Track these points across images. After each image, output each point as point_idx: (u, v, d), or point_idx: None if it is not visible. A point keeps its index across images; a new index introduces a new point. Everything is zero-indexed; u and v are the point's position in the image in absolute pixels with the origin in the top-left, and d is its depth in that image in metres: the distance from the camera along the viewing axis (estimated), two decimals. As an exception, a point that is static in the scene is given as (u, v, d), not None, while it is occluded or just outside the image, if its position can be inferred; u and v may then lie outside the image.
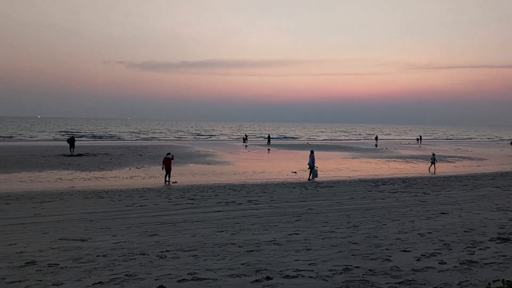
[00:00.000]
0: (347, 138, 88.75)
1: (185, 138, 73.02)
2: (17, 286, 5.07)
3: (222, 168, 24.93)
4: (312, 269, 5.66)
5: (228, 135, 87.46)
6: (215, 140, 68.78)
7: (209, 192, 15.01)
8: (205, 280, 5.19)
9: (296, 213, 10.97)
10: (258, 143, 57.58)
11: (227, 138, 75.85)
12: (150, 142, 58.64)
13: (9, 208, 11.91)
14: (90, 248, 7.03)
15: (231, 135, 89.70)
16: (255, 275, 5.41)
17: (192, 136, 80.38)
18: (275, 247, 6.94)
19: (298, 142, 65.58)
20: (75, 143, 33.93)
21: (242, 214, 10.84)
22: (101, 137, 68.36)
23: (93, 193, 14.91)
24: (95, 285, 5.07)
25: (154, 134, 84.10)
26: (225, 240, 7.54)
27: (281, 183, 18.19)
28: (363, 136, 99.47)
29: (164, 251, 6.77)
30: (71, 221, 10.10)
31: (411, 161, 31.67)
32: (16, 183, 17.82)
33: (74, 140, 33.55)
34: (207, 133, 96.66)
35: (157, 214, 10.95)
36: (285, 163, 28.53)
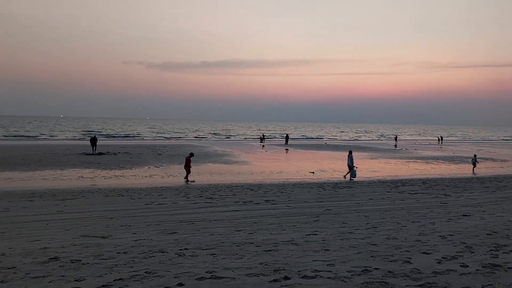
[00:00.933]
0: (365, 138, 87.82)
1: (203, 138, 73.52)
2: (41, 281, 5.20)
3: (239, 167, 25.00)
4: (330, 270, 5.63)
5: (245, 135, 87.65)
6: (233, 140, 69.01)
7: (226, 192, 15.08)
8: (223, 279, 5.22)
9: (314, 213, 10.92)
10: (275, 143, 57.53)
11: (244, 138, 76.02)
12: (169, 141, 59.28)
13: (33, 205, 12.22)
14: (111, 245, 7.16)
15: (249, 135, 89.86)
16: (273, 274, 5.41)
17: (210, 136, 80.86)
18: (293, 247, 6.93)
19: (316, 142, 65.24)
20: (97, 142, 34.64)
21: (260, 213, 10.85)
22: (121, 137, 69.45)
23: (114, 191, 15.16)
24: (116, 281, 5.15)
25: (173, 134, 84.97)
26: (243, 239, 7.57)
27: (299, 183, 18.13)
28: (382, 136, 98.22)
29: (183, 249, 6.84)
30: (92, 218, 10.29)
31: (431, 162, 31.11)
32: (39, 180, 18.27)
33: (96, 140, 34.31)
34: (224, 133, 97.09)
35: (175, 213, 11.05)
36: (303, 163, 28.42)
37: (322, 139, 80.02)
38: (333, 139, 78.40)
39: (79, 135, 71.23)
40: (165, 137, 72.57)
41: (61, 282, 5.12)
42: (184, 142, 55.90)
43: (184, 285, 5.01)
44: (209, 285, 5.02)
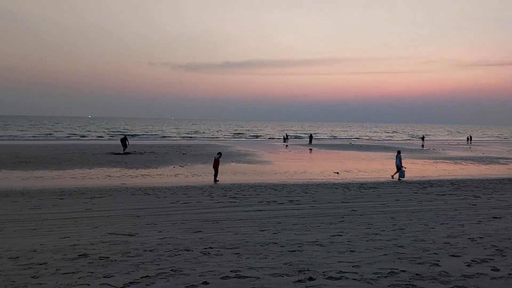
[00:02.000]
0: (392, 138, 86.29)
1: (227, 138, 73.95)
2: (71, 277, 5.34)
3: (262, 167, 25.01)
4: (356, 271, 5.56)
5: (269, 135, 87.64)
6: (256, 140, 69.12)
7: (250, 191, 15.11)
8: (248, 278, 5.24)
9: (339, 214, 10.81)
10: (299, 143, 57.28)
11: (267, 138, 76.02)
12: (193, 141, 59.91)
13: (62, 203, 12.59)
14: (138, 243, 7.29)
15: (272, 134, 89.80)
16: (297, 275, 5.39)
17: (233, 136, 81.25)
18: (317, 248, 6.88)
19: (340, 142, 64.53)
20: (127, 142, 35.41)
21: (284, 214, 10.83)
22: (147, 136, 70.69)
23: (140, 190, 15.45)
24: (143, 278, 5.25)
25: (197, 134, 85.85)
26: (267, 239, 7.57)
27: (323, 183, 17.99)
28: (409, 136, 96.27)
29: (208, 248, 6.90)
30: (120, 216, 10.52)
31: (460, 163, 30.28)
32: (68, 179, 18.81)
33: (126, 139, 35.07)
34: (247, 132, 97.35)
35: (200, 212, 11.16)
36: (327, 164, 28.18)
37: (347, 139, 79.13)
38: (358, 139, 77.38)
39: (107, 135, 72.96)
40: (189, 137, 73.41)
41: (90, 279, 5.25)
42: (207, 142, 56.39)
43: (209, 284, 5.05)
44: (234, 284, 5.05)
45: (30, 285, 5.01)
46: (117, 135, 70.39)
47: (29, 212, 10.99)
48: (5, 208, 11.60)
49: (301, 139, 70.09)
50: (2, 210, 11.29)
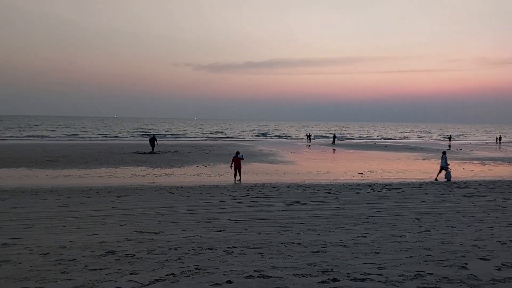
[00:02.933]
0: (417, 138, 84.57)
1: (249, 137, 74.14)
2: (99, 273, 5.47)
3: (285, 167, 24.97)
4: (381, 273, 5.48)
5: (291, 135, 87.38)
6: (278, 139, 69.03)
7: (272, 191, 15.11)
8: (271, 278, 5.24)
9: (363, 215, 10.68)
10: (322, 143, 56.87)
11: (290, 138, 75.80)
12: (216, 141, 60.36)
13: (90, 201, 12.92)
14: (163, 241, 7.41)
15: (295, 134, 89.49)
16: (321, 276, 5.36)
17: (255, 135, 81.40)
18: (341, 249, 6.82)
19: (365, 142, 63.70)
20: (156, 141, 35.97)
21: (307, 214, 10.78)
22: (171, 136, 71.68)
23: (164, 189, 15.68)
24: (168, 276, 5.33)
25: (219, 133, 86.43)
26: (290, 240, 7.55)
27: (347, 184, 17.80)
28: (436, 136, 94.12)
29: (231, 247, 6.94)
30: (145, 214, 10.71)
31: (488, 163, 29.39)
32: (95, 178, 19.29)
33: (155, 139, 35.69)
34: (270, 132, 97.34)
35: (223, 211, 11.24)
36: (351, 164, 27.88)
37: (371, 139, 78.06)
38: (383, 139, 76.19)
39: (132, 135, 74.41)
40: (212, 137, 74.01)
41: (117, 275, 5.37)
42: (230, 142, 56.67)
43: (233, 283, 5.08)
44: (258, 283, 5.06)
45: (60, 280, 5.16)
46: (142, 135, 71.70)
47: (58, 210, 11.33)
48: (35, 205, 12.00)
49: (324, 139, 69.57)
50: (33, 207, 11.68)
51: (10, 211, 11.12)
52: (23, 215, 10.56)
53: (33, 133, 71.95)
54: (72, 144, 45.09)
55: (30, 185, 16.51)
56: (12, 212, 10.98)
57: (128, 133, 78.02)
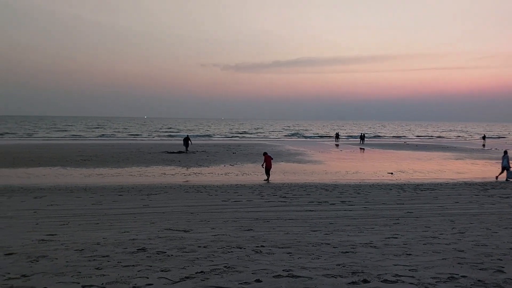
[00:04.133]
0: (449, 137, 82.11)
1: (276, 137, 74.06)
2: (131, 269, 5.61)
3: (313, 167, 24.80)
4: (413, 275, 5.36)
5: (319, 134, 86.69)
6: (306, 139, 68.62)
7: (300, 191, 15.04)
8: (300, 278, 5.23)
9: (394, 216, 10.47)
10: (350, 142, 56.13)
11: (318, 137, 75.21)
12: (243, 140, 60.62)
13: (122, 199, 13.26)
14: (192, 239, 7.51)
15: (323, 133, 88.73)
16: (351, 277, 5.30)
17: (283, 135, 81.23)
18: (371, 250, 6.72)
19: (395, 141, 62.42)
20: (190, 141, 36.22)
21: (335, 214, 10.67)
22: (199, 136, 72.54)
23: (193, 188, 15.89)
24: (198, 274, 5.40)
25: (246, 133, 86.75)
26: (319, 240, 7.50)
27: (376, 184, 17.51)
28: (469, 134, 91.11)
29: (260, 246, 6.96)
30: (175, 213, 10.89)
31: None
32: (127, 176, 19.77)
33: (189, 139, 36.08)
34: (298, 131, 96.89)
35: (251, 210, 11.29)
36: (380, 164, 27.39)
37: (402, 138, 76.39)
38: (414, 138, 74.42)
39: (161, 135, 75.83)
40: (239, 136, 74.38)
41: (149, 272, 5.49)
42: (257, 141, 56.80)
43: (262, 282, 5.10)
44: (287, 283, 5.06)
45: (95, 276, 5.32)
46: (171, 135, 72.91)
47: (91, 207, 11.69)
48: (70, 203, 12.42)
49: (353, 138, 68.62)
50: (68, 205, 12.10)
51: (47, 208, 11.56)
52: (58, 212, 10.96)
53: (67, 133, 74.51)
54: (104, 144, 46.38)
55: (65, 184, 17.11)
56: (49, 209, 11.41)
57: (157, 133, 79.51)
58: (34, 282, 5.06)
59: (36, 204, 12.25)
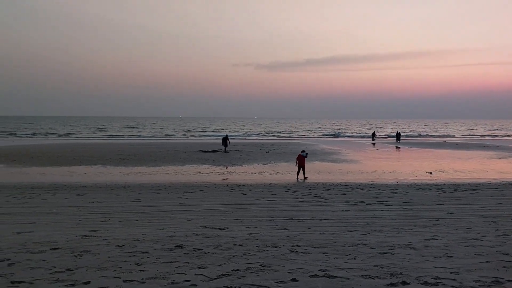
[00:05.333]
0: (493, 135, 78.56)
1: (310, 136, 73.51)
2: (169, 266, 5.75)
3: (348, 166, 24.44)
4: (454, 278, 5.19)
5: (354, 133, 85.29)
6: (341, 138, 67.69)
7: (335, 191, 14.86)
8: (337, 278, 5.18)
9: (433, 217, 10.15)
10: (386, 141, 54.88)
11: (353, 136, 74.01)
12: (276, 139, 60.58)
13: (159, 196, 13.60)
14: (228, 237, 7.60)
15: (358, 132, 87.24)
16: (389, 278, 5.19)
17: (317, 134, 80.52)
18: (410, 251, 6.55)
19: (433, 140, 60.45)
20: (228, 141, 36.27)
21: (372, 215, 10.47)
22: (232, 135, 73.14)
23: (227, 186, 16.06)
24: (234, 271, 5.46)
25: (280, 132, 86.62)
26: (356, 240, 7.39)
27: (414, 184, 17.03)
28: None
29: (295, 245, 6.94)
30: (210, 211, 11.05)
31: None
32: (163, 175, 20.25)
33: (227, 139, 36.17)
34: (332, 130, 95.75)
35: (285, 209, 11.27)
36: (418, 163, 26.61)
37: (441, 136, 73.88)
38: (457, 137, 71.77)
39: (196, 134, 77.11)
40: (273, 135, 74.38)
41: (186, 268, 5.60)
42: (290, 140, 56.60)
43: (298, 281, 5.09)
44: (323, 283, 5.02)
45: (135, 271, 5.49)
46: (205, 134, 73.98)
47: (130, 205, 12.06)
48: (110, 200, 12.87)
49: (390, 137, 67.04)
50: (108, 202, 12.54)
51: (89, 205, 12.03)
52: (100, 209, 11.39)
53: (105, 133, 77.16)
54: (141, 143, 47.69)
55: (105, 182, 17.74)
56: (90, 206, 11.87)
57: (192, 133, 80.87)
58: (78, 276, 5.28)
59: (78, 201, 12.78)
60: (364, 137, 67.58)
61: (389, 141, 55.66)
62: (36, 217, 10.25)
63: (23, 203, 12.34)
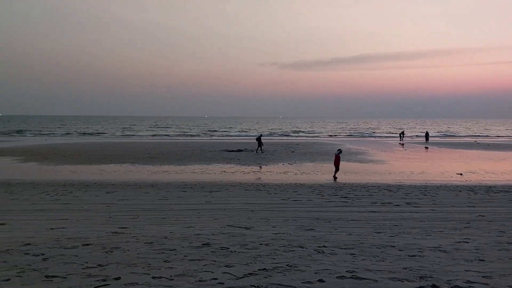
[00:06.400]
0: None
1: (336, 135, 72.76)
2: (197, 263, 5.83)
3: (375, 167, 24.06)
4: (486, 283, 5.05)
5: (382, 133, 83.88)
6: (368, 138, 66.69)
7: (362, 191, 14.67)
8: (364, 280, 5.12)
9: (464, 219, 9.87)
10: (414, 141, 53.70)
11: (380, 135, 72.79)
12: (301, 139, 60.30)
13: (185, 195, 13.78)
14: (254, 236, 7.63)
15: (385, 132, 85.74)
16: (418, 281, 5.10)
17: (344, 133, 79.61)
18: (440, 254, 6.40)
19: (463, 140, 58.70)
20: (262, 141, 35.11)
21: (401, 216, 10.28)
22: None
23: (252, 186, 16.11)
24: (260, 271, 5.48)
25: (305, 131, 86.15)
26: (384, 242, 7.28)
27: (444, 185, 16.60)
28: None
29: (322, 246, 6.90)
30: (236, 210, 11.12)
31: None
32: (189, 174, 20.51)
33: (260, 139, 35.11)
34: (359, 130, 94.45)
35: (311, 210, 11.21)
36: (448, 164, 25.91)
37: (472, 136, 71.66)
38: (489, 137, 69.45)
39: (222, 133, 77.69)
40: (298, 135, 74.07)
41: (213, 267, 5.67)
42: (316, 140, 56.20)
43: (324, 282, 5.07)
44: (351, 284, 4.98)
45: (163, 268, 5.60)
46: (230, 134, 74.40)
47: (158, 203, 12.29)
48: (139, 198, 13.15)
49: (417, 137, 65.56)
50: (137, 200, 12.81)
51: (118, 202, 12.33)
52: (129, 206, 11.65)
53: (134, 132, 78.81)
54: (168, 142, 48.47)
55: (134, 180, 18.12)
56: (120, 203, 12.16)
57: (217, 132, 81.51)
58: (109, 272, 5.43)
59: (108, 198, 13.11)
60: (391, 137, 66.32)
61: (417, 141, 54.43)
62: (68, 213, 10.59)
63: (56, 200, 12.77)
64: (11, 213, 10.62)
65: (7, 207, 11.53)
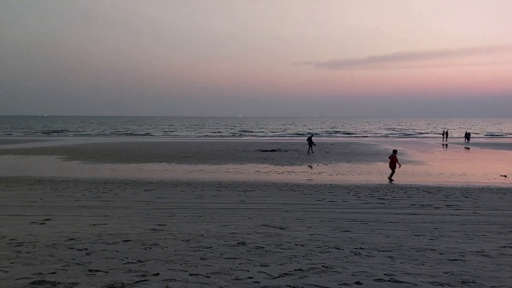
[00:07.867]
0: None
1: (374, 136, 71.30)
2: (232, 262, 5.89)
3: (413, 167, 23.38)
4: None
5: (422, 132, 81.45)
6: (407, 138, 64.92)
7: (400, 193, 14.30)
8: (403, 284, 4.99)
9: (509, 223, 9.42)
10: (454, 141, 51.74)
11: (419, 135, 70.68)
12: (336, 139, 59.52)
13: (220, 194, 13.95)
14: (289, 237, 7.61)
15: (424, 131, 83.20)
16: (460, 286, 4.91)
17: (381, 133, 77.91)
18: (483, 259, 6.14)
19: (507, 141, 55.97)
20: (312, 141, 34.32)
21: (441, 219, 9.94)
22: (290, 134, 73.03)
23: (286, 186, 16.07)
24: (296, 271, 5.46)
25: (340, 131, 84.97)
26: (423, 245, 7.07)
27: (487, 187, 15.90)
28: None
29: (358, 248, 6.79)
30: (270, 209, 11.14)
31: None
32: (224, 173, 20.74)
33: (311, 139, 34.31)
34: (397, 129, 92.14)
35: (347, 211, 11.05)
36: (491, 165, 24.80)
37: None
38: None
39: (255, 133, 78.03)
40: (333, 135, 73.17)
41: (249, 265, 5.70)
42: (351, 140, 55.30)
43: (362, 284, 4.98)
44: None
45: (200, 265, 5.69)
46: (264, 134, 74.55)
47: (194, 201, 12.50)
48: (176, 196, 13.43)
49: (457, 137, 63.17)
50: (174, 198, 13.10)
51: (156, 200, 12.65)
52: (166, 204, 11.93)
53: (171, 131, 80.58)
54: (203, 142, 49.23)
55: (170, 178, 18.54)
56: (157, 201, 12.48)
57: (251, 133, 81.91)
58: (148, 268, 5.58)
59: (146, 196, 13.48)
60: (431, 137, 64.23)
61: (458, 141, 52.42)
62: (109, 210, 10.98)
63: (97, 197, 13.28)
64: (56, 209, 11.15)
65: (53, 203, 12.11)
